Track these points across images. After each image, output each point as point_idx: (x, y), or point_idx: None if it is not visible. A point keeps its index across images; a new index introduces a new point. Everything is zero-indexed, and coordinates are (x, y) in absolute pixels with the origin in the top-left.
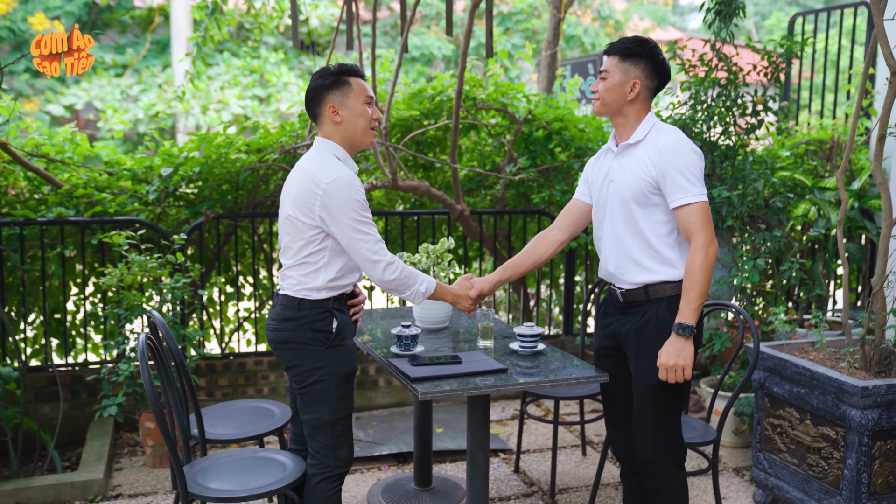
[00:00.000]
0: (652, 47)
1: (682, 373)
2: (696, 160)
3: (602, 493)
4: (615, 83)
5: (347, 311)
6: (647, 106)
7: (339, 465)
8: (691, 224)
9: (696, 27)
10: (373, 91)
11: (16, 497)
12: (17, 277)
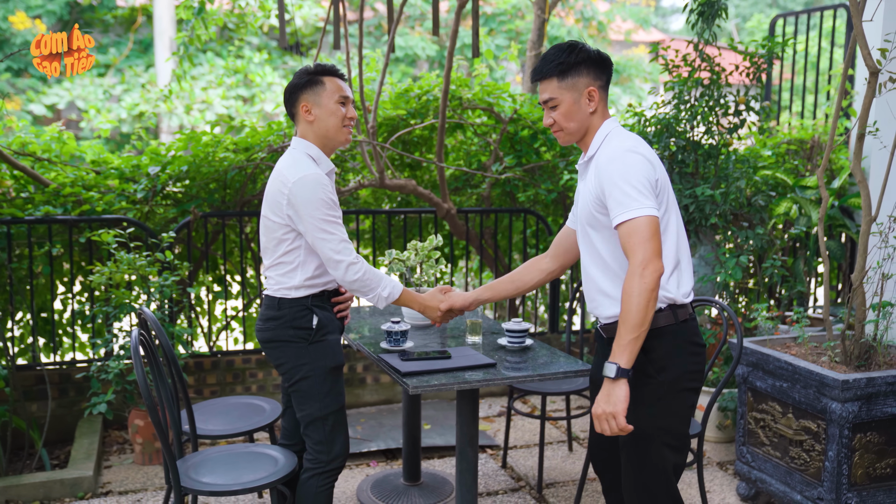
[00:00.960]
0: (581, 47)
1: (615, 423)
2: (638, 168)
3: (589, 487)
4: (569, 105)
5: (331, 308)
6: (604, 111)
7: (332, 460)
8: (629, 241)
9: (678, 28)
10: (349, 91)
11: (5, 494)
12: (3, 276)
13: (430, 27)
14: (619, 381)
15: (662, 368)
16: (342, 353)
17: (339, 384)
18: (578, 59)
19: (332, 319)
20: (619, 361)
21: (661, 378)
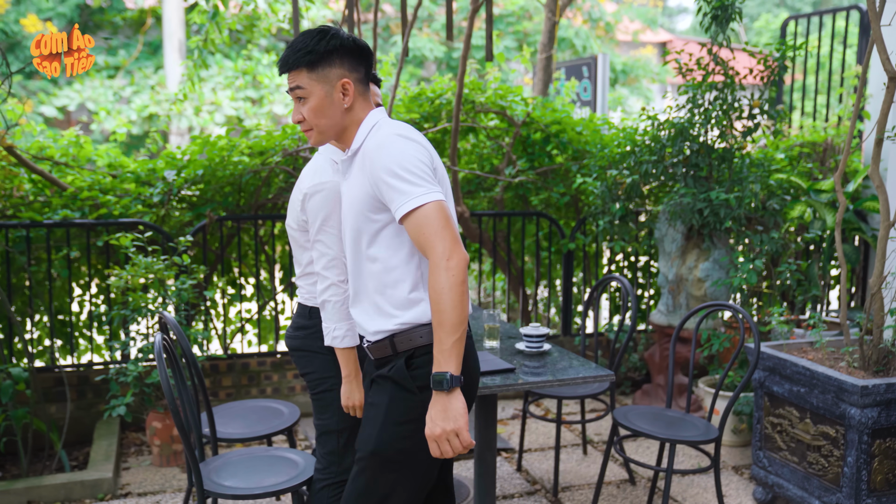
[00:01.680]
0: (334, 33)
1: (458, 440)
2: (413, 153)
3: (605, 491)
4: (320, 99)
5: None
6: (365, 104)
7: (344, 471)
8: (422, 234)
9: (684, 28)
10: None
11: (27, 495)
12: (23, 279)
13: (437, 28)
14: (454, 391)
15: (426, 386)
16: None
17: None
18: (330, 48)
19: None
20: (449, 369)
21: (423, 396)
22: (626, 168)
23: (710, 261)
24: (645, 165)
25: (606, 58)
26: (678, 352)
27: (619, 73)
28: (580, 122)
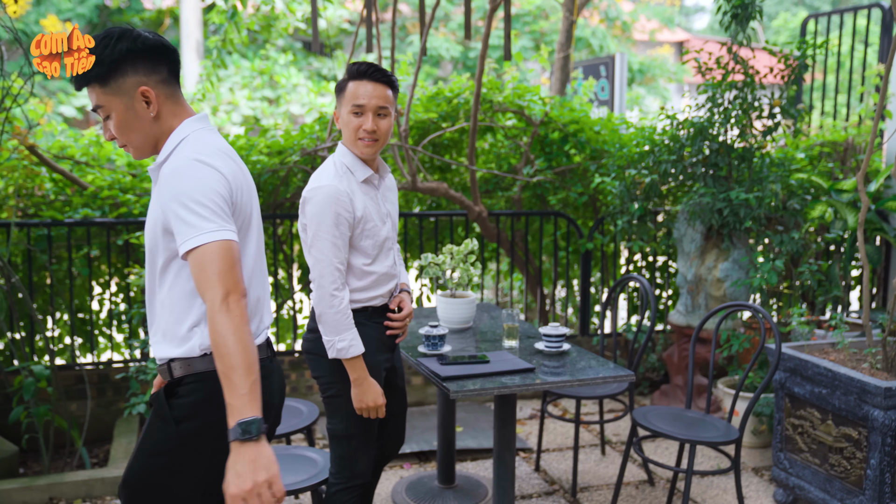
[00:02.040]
0: (119, 35)
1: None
2: (209, 182)
3: (624, 491)
4: (122, 114)
5: (376, 325)
6: (177, 109)
7: (355, 476)
8: (203, 273)
9: (701, 27)
10: (373, 97)
11: (49, 492)
12: (43, 277)
13: (454, 28)
14: (261, 438)
15: (185, 418)
16: (380, 374)
17: None
18: (116, 55)
19: (371, 337)
20: (253, 413)
21: (180, 428)
22: (645, 168)
23: (730, 261)
24: (664, 165)
25: (624, 57)
26: (697, 352)
27: (636, 72)
28: (598, 121)
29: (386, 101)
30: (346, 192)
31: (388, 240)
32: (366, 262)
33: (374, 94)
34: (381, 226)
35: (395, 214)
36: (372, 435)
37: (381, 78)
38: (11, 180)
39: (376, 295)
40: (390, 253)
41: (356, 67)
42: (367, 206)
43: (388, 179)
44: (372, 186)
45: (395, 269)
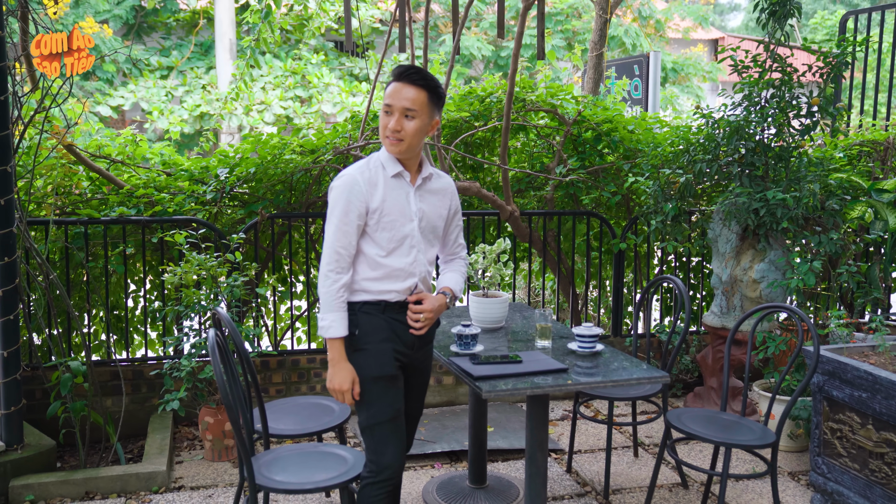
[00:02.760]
0: None
1: None
2: None
3: (657, 494)
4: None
5: (392, 316)
6: None
7: (382, 470)
8: None
9: (736, 26)
10: (401, 98)
11: (85, 486)
12: (80, 275)
13: (485, 27)
14: None
15: None
16: (385, 360)
17: (389, 395)
18: None
19: (379, 326)
20: None
21: None
22: (680, 167)
23: (766, 262)
24: (699, 164)
25: (658, 56)
26: (732, 354)
27: (670, 71)
28: (632, 120)
29: (415, 103)
30: (364, 183)
31: (410, 237)
32: (380, 253)
33: (404, 95)
34: (405, 222)
35: (433, 216)
36: (395, 425)
37: (416, 80)
38: (50, 179)
39: (390, 289)
40: (412, 251)
41: (397, 69)
42: (389, 199)
43: (436, 182)
44: (405, 183)
45: (415, 267)
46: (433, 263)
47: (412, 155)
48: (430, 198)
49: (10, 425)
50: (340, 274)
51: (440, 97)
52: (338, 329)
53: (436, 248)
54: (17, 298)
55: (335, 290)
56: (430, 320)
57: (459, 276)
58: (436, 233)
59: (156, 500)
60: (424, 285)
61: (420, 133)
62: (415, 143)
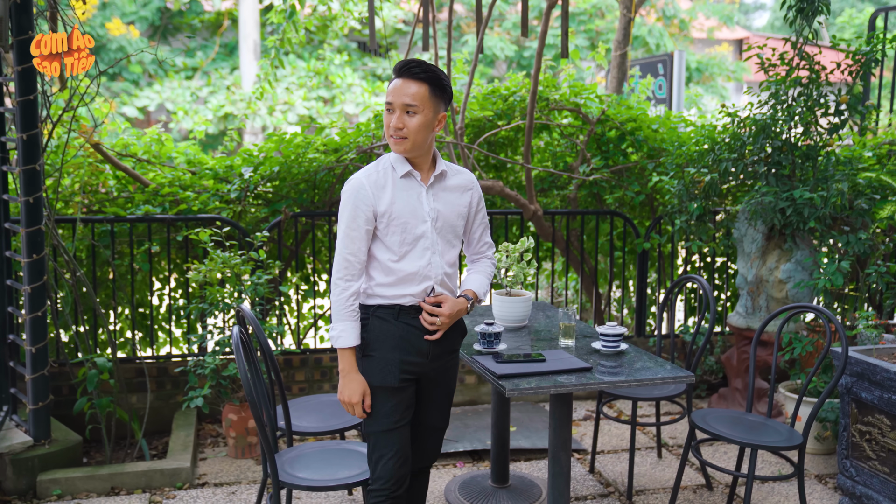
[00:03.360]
0: None
1: None
2: None
3: (680, 495)
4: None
5: (404, 323)
6: None
7: (376, 479)
8: None
9: (761, 25)
10: (399, 95)
11: (111, 481)
12: (106, 272)
13: (508, 27)
14: None
15: None
16: (392, 371)
17: (387, 406)
18: None
19: (390, 334)
20: None
21: None
22: (705, 166)
23: (793, 262)
24: (724, 163)
25: (683, 55)
26: (757, 355)
27: (694, 70)
28: (656, 119)
29: (416, 98)
30: (371, 186)
31: (423, 239)
32: (392, 258)
33: (405, 91)
34: (417, 223)
35: (450, 215)
36: (391, 437)
37: (416, 74)
38: (77, 177)
39: (404, 294)
40: (426, 253)
41: (398, 64)
42: (399, 201)
43: (453, 178)
44: (416, 183)
45: (430, 270)
46: (454, 265)
47: (420, 152)
48: (445, 196)
49: (37, 420)
50: (350, 282)
51: (443, 89)
52: (347, 339)
53: (457, 249)
54: (44, 295)
55: (344, 299)
56: (445, 325)
57: (483, 278)
58: (455, 232)
59: (180, 496)
60: (444, 288)
61: (424, 129)
62: (420, 140)
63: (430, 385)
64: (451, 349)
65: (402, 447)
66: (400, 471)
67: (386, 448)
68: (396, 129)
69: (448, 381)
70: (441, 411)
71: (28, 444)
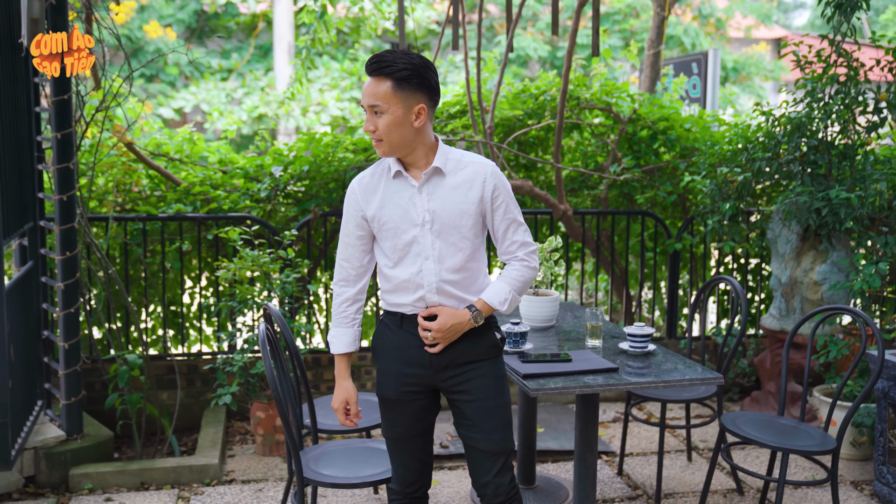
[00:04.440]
0: None
1: None
2: None
3: (710, 499)
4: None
5: (403, 332)
6: None
7: (394, 480)
8: None
9: (801, 24)
10: (368, 96)
11: (140, 477)
12: (138, 270)
13: (542, 28)
14: None
15: None
16: (391, 383)
17: (389, 417)
18: None
19: (389, 345)
20: None
21: None
22: (738, 166)
23: (828, 263)
24: (758, 163)
25: (717, 53)
26: (791, 358)
27: (730, 70)
28: (689, 118)
29: (378, 97)
30: (361, 191)
31: (414, 245)
32: (388, 264)
33: (368, 90)
34: (407, 227)
35: (451, 214)
36: (398, 447)
37: (376, 71)
38: (111, 176)
39: (401, 302)
40: (417, 260)
41: (366, 62)
42: (388, 205)
43: (455, 174)
44: (407, 184)
45: (422, 277)
46: (464, 269)
47: (406, 151)
48: (444, 193)
49: (70, 415)
50: (344, 287)
51: (406, 79)
52: (336, 345)
53: (465, 252)
54: (77, 292)
55: (337, 304)
56: (440, 339)
57: (503, 284)
58: (461, 233)
59: (208, 492)
60: (445, 297)
61: (397, 127)
62: (396, 140)
63: (457, 398)
64: (466, 360)
65: (408, 458)
66: (407, 476)
67: (394, 454)
68: (370, 131)
69: (482, 397)
70: (483, 431)
71: (61, 438)
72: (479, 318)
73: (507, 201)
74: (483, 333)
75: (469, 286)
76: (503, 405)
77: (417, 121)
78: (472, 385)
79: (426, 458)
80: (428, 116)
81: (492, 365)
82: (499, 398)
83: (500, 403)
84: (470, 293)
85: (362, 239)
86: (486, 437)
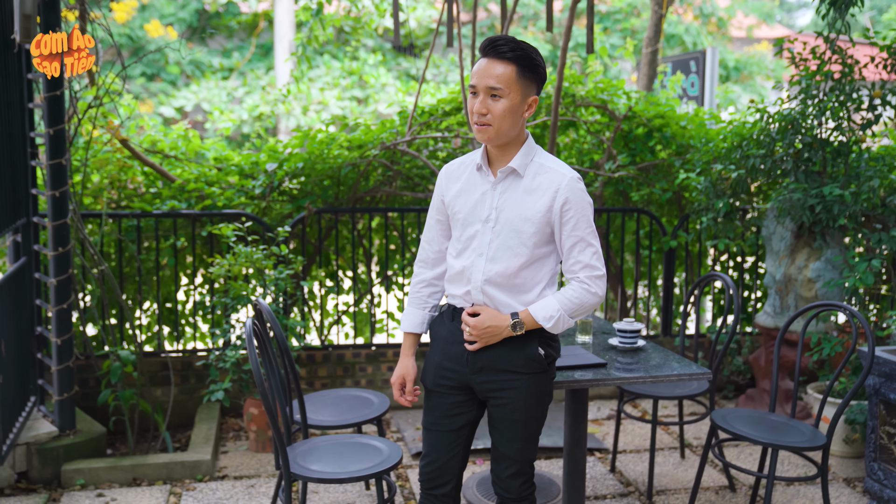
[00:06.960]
0: None
1: None
2: None
3: (702, 496)
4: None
5: (448, 324)
6: None
7: (421, 472)
8: None
9: (804, 24)
10: (482, 77)
11: (133, 472)
12: (133, 267)
13: (542, 27)
14: None
15: None
16: (430, 377)
17: (427, 404)
18: None
19: (437, 337)
20: None
21: None
22: (732, 163)
23: (822, 260)
24: (752, 160)
25: (716, 51)
26: (785, 355)
27: (732, 69)
28: (685, 116)
29: (501, 80)
30: (446, 176)
31: (475, 239)
32: (452, 252)
33: (489, 72)
34: (472, 221)
35: (513, 218)
36: (428, 437)
37: (503, 53)
38: (106, 173)
39: (454, 293)
40: (472, 254)
41: (483, 42)
42: (463, 195)
43: (533, 177)
44: (485, 178)
45: (471, 273)
46: (511, 276)
47: (506, 140)
48: (515, 196)
49: (63, 411)
50: (422, 268)
51: (534, 69)
52: (406, 323)
53: (522, 258)
54: (70, 288)
55: (413, 283)
56: (476, 337)
57: (554, 301)
58: (520, 238)
59: (199, 487)
60: (488, 298)
61: (510, 115)
62: (505, 128)
63: (489, 401)
64: (503, 368)
65: (432, 449)
66: (427, 469)
67: (424, 444)
68: (480, 114)
69: (511, 407)
70: (504, 436)
71: (53, 434)
72: (519, 327)
73: (577, 217)
74: (524, 344)
75: (519, 295)
76: (531, 420)
77: (528, 112)
78: (505, 394)
79: (449, 458)
80: None
81: (530, 380)
82: (528, 412)
83: (529, 418)
84: (519, 302)
85: (441, 224)
86: (506, 442)
